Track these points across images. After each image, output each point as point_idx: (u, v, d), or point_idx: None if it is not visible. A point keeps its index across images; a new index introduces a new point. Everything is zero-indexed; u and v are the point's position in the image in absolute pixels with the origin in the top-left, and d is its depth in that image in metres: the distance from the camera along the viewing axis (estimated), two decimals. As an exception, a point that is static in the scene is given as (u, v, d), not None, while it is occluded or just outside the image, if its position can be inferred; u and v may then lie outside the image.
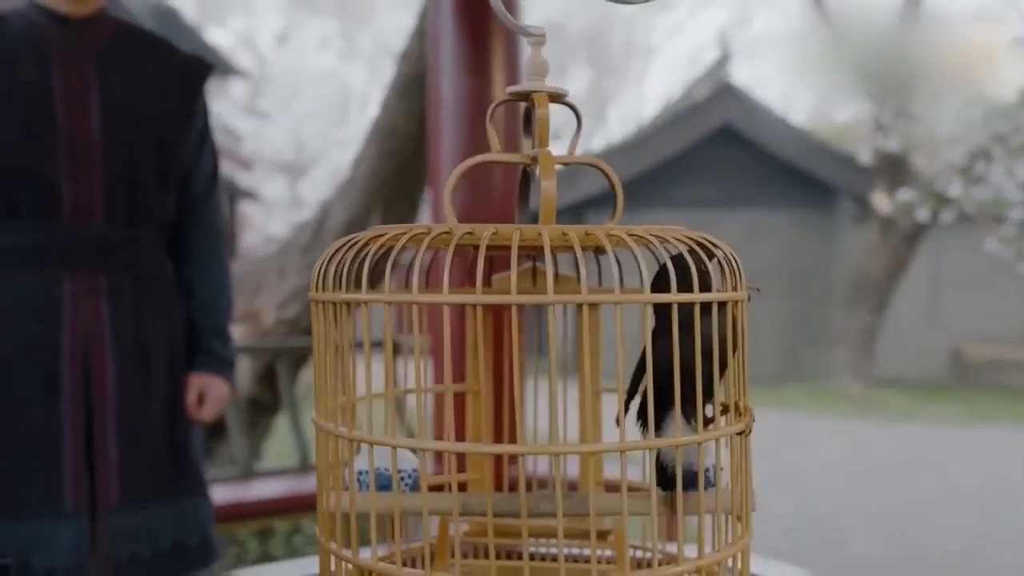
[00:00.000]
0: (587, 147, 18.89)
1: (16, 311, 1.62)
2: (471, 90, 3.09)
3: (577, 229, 0.73)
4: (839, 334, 11.48)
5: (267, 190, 13.27)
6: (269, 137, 13.91)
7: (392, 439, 0.72)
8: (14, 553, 1.58)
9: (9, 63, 1.64)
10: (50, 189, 1.63)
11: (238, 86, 19.59)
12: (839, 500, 5.94)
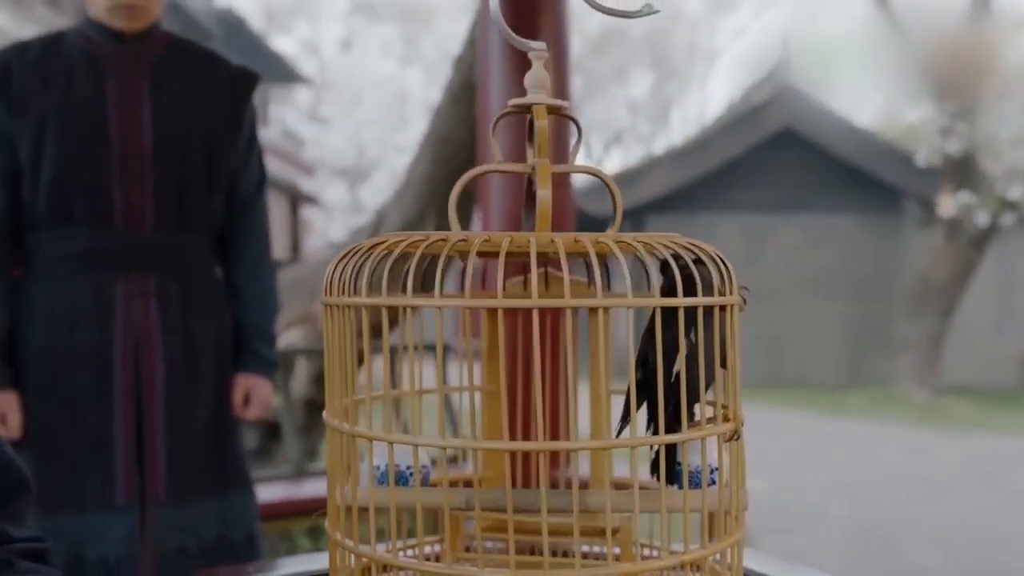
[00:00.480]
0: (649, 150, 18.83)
1: (71, 314, 1.70)
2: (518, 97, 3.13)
3: (566, 236, 0.76)
4: (904, 340, 11.27)
5: (328, 195, 13.49)
6: (330, 143, 14.14)
7: (390, 436, 0.75)
8: (70, 543, 1.66)
9: (67, 79, 1.72)
10: (103, 197, 1.70)
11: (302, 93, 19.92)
12: (899, 509, 5.84)
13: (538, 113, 0.80)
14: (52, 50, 1.76)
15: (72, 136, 1.70)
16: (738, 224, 12.88)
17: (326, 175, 13.90)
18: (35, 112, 1.70)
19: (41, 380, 1.70)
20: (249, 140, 1.90)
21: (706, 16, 24.46)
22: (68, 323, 1.70)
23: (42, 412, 1.69)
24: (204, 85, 1.82)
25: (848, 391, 11.02)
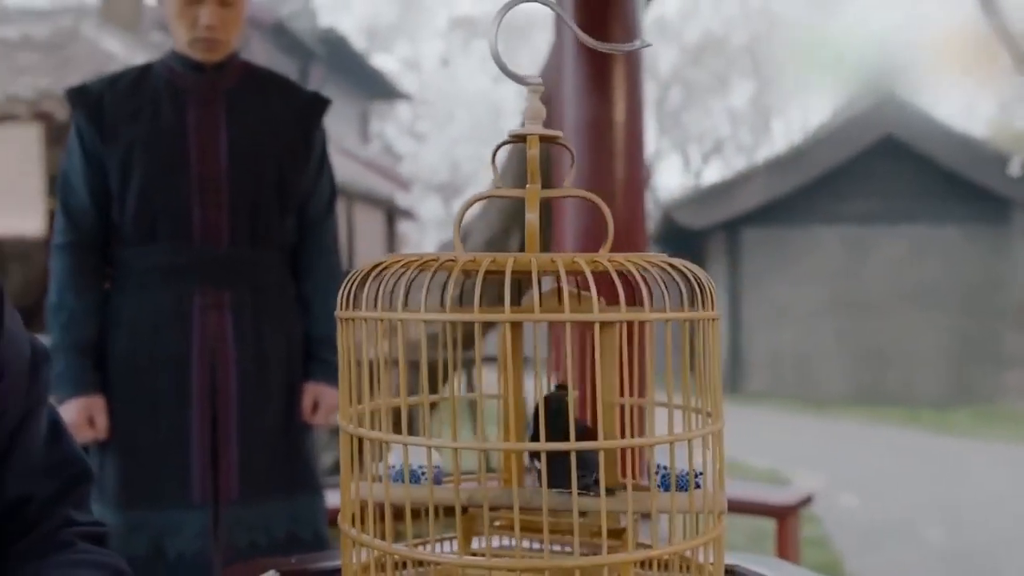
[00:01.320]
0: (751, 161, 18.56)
1: (152, 324, 1.83)
2: (591, 115, 3.19)
3: (565, 256, 0.82)
4: (1012, 355, 10.86)
5: (423, 209, 13.76)
6: (426, 158, 14.42)
7: (403, 438, 0.83)
8: (151, 537, 1.79)
9: (153, 108, 1.87)
10: (183, 216, 1.84)
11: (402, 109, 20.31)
12: (1001, 535, 5.63)
13: (530, 143, 0.86)
14: (140, 81, 1.90)
15: (156, 160, 1.84)
16: (838, 235, 12.62)
17: (421, 190, 14.19)
18: (124, 138, 1.85)
19: (125, 385, 1.84)
20: (320, 162, 2.01)
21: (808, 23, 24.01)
22: (150, 332, 1.83)
23: (126, 415, 1.83)
24: (277, 111, 1.94)
25: (953, 408, 10.68)
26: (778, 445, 8.62)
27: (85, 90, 1.89)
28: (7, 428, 0.88)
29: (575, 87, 3.21)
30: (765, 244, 12.83)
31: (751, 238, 12.98)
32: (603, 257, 0.83)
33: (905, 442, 8.84)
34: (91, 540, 0.90)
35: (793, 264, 12.73)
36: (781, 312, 12.86)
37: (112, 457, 1.83)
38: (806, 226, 12.57)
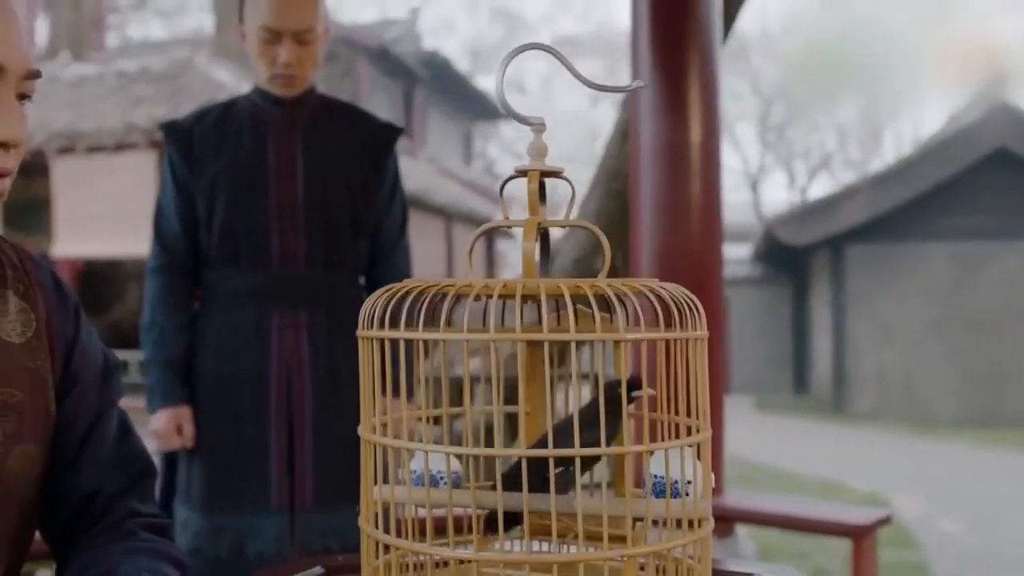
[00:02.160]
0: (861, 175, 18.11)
1: (235, 341, 1.97)
2: (666, 136, 3.24)
3: (568, 281, 0.89)
4: None
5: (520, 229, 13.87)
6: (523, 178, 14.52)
7: (421, 445, 0.92)
8: (232, 539, 1.92)
9: (236, 140, 2.01)
10: (263, 242, 1.98)
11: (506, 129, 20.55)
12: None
13: (531, 178, 0.95)
14: (226, 115, 2.05)
15: (238, 189, 1.99)
16: (947, 251, 12.24)
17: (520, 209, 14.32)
18: (210, 169, 2.00)
19: (210, 398, 1.98)
20: (392, 188, 2.13)
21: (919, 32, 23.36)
22: (233, 349, 1.97)
23: (211, 425, 1.97)
24: (350, 142, 2.07)
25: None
26: (881, 468, 8.41)
27: (176, 125, 2.06)
28: (81, 428, 1.00)
29: (650, 109, 3.27)
30: (870, 261, 12.53)
31: (856, 254, 12.69)
32: (601, 282, 0.91)
33: (1020, 467, 8.51)
34: (153, 530, 1.02)
35: (900, 281, 12.39)
36: (887, 330, 12.53)
37: (198, 464, 1.98)
38: (913, 242, 12.23)
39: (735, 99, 21.50)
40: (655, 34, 3.26)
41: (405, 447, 0.92)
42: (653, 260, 3.24)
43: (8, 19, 0.90)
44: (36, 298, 0.99)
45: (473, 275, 0.96)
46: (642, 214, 3.30)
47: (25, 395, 0.94)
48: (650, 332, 0.86)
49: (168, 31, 20.28)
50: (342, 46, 17.40)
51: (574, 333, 0.84)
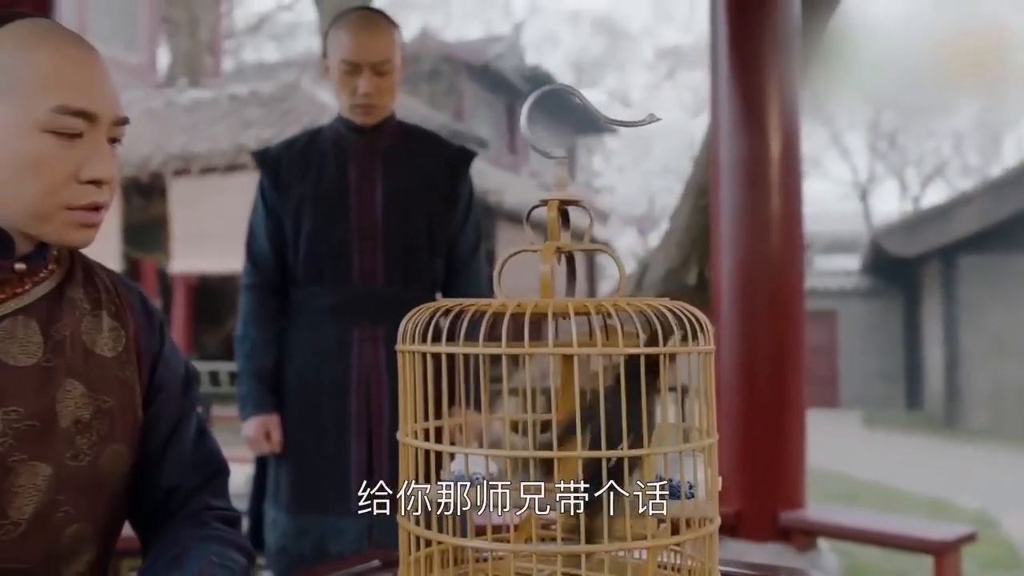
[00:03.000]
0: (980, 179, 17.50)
1: (319, 354, 2.11)
2: (745, 151, 3.28)
3: (575, 301, 0.98)
4: None
5: (620, 242, 13.96)
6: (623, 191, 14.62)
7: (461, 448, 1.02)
8: (316, 539, 2.06)
9: (320, 166, 2.16)
10: (344, 260, 2.11)
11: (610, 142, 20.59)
12: None
13: (551, 207, 1.03)
14: (311, 143, 2.20)
15: (321, 212, 2.13)
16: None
17: (618, 222, 14.40)
18: (296, 193, 2.15)
19: (296, 406, 2.13)
20: (466, 209, 2.24)
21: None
22: (317, 362, 2.11)
23: (296, 432, 2.12)
24: (426, 166, 2.19)
25: None
26: (993, 486, 8.13)
27: (267, 152, 2.21)
28: (164, 431, 1.14)
29: (729, 123, 3.31)
30: (984, 271, 12.11)
31: (969, 265, 12.28)
32: (609, 302, 0.99)
33: None
34: (224, 522, 1.14)
35: (1015, 293, 11.93)
36: (1002, 344, 12.07)
37: (285, 468, 2.12)
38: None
39: (844, 107, 21.05)
40: (732, 49, 3.31)
41: (442, 450, 1.02)
42: (733, 274, 3.28)
43: (101, 74, 1.04)
44: (126, 318, 1.13)
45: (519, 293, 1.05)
46: (722, 228, 3.34)
47: (116, 402, 1.08)
48: (651, 348, 0.94)
49: (280, 54, 21.03)
50: (445, 64, 17.75)
51: (576, 348, 0.93)
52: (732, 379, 3.23)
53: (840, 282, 16.10)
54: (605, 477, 0.95)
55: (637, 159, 15.09)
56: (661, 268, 5.24)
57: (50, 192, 1.00)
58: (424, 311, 1.06)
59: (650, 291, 5.27)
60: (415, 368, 1.05)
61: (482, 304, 1.02)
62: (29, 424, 0.99)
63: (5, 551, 0.97)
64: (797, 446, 3.22)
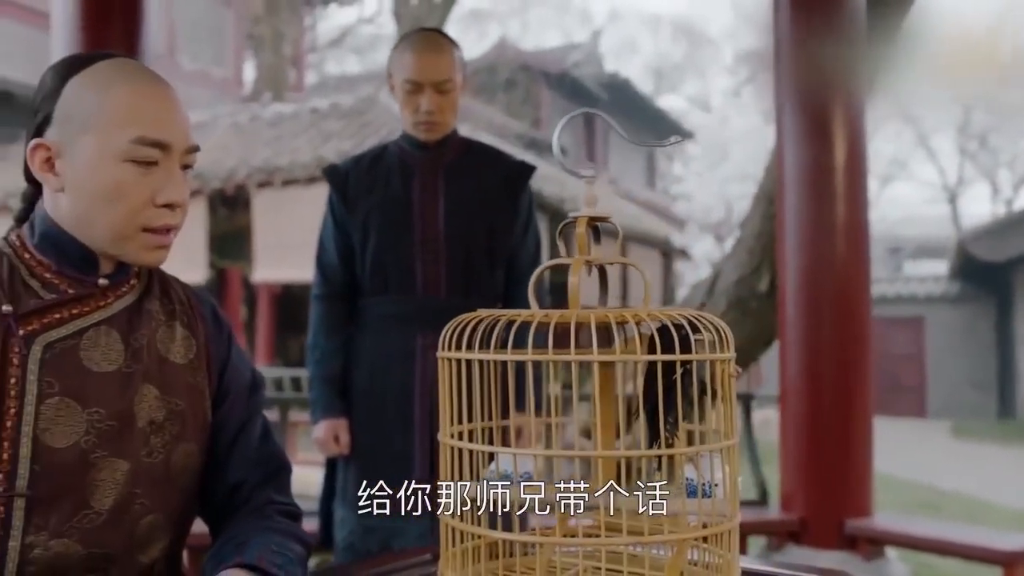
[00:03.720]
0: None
1: (385, 361, 2.21)
2: (810, 160, 3.29)
3: (598, 311, 1.05)
4: None
5: (697, 249, 13.88)
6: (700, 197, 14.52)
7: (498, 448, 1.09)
8: (381, 537, 2.16)
9: (385, 181, 2.26)
10: (408, 271, 2.21)
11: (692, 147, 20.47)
12: None
13: (579, 223, 1.10)
14: (377, 159, 2.31)
15: (387, 225, 2.23)
16: None
17: (695, 229, 14.33)
18: (363, 207, 2.25)
19: (363, 411, 2.23)
20: (526, 221, 2.32)
21: None
22: (383, 368, 2.21)
23: (363, 435, 2.22)
24: (487, 181, 2.28)
25: None
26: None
27: (335, 169, 2.33)
28: (231, 431, 1.24)
29: (793, 131, 3.33)
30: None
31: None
32: (643, 311, 1.06)
33: None
34: (286, 516, 1.24)
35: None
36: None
37: (352, 470, 2.22)
38: None
39: (932, 108, 20.54)
40: (796, 55, 3.33)
41: (479, 449, 1.10)
42: (799, 281, 3.30)
43: (174, 107, 1.15)
44: (197, 328, 1.23)
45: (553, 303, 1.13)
46: (787, 235, 3.36)
47: (187, 404, 1.19)
48: (666, 356, 1.00)
49: (362, 67, 21.46)
50: (521, 73, 17.89)
51: (596, 356, 1.00)
52: (797, 386, 3.24)
53: (928, 288, 15.72)
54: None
55: (713, 164, 15.00)
56: (733, 275, 5.23)
57: (130, 215, 1.11)
58: (461, 321, 1.14)
59: (721, 298, 5.26)
60: (451, 373, 1.13)
61: (511, 314, 1.09)
62: (110, 424, 1.10)
63: (90, 537, 1.08)
64: (864, 454, 3.21)
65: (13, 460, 1.05)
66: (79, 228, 1.12)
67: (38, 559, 1.06)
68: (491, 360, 1.08)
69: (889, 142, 19.69)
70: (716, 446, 1.03)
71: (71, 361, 1.10)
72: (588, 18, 31.22)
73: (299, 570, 1.14)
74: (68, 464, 1.07)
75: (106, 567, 1.10)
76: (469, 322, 1.13)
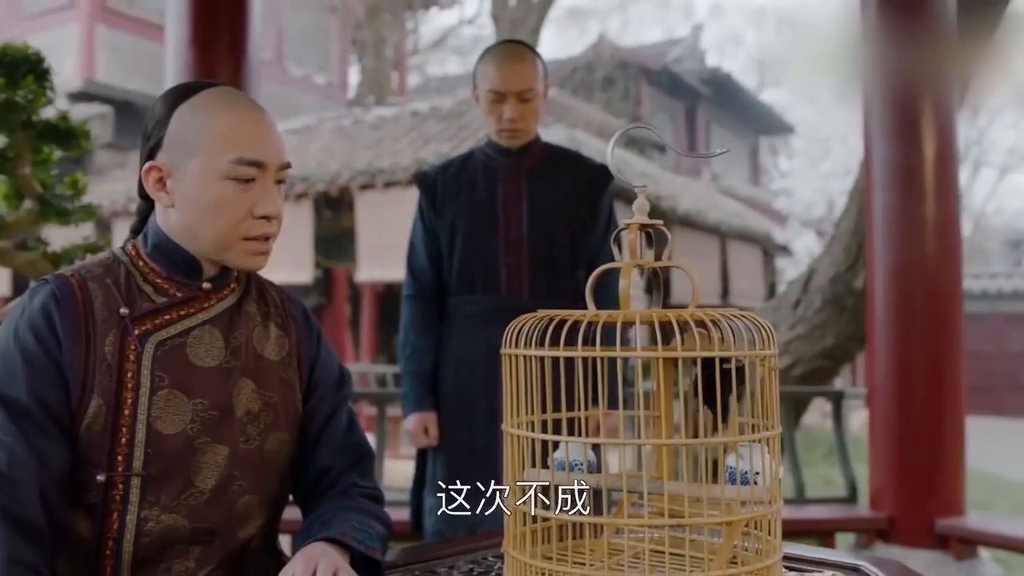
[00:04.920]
0: None
1: (471, 358, 2.33)
2: (899, 157, 3.28)
3: (644, 312, 1.13)
4: None
5: (798, 245, 13.67)
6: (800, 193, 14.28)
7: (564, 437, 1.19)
8: (468, 527, 2.27)
9: (471, 186, 2.38)
10: (493, 272, 2.32)
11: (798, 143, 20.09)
12: None
13: (631, 229, 1.19)
14: (463, 165, 2.43)
15: (473, 228, 2.35)
16: None
17: (796, 225, 14.11)
18: (450, 212, 2.37)
19: (450, 405, 2.35)
20: (606, 223, 2.40)
21: None
22: (469, 364, 2.33)
23: (450, 429, 2.34)
24: (568, 184, 2.37)
25: None
26: None
27: (424, 175, 2.45)
28: (320, 421, 1.36)
29: (881, 129, 3.32)
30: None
31: None
32: (688, 312, 1.14)
33: None
34: (369, 499, 1.36)
35: None
36: None
37: (441, 461, 2.35)
38: None
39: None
40: (883, 51, 3.31)
41: (543, 439, 1.20)
42: (888, 279, 3.29)
43: (269, 129, 1.27)
44: (290, 328, 1.36)
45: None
46: (876, 234, 3.35)
47: (280, 397, 1.32)
48: (748, 351, 1.08)
49: (463, 68, 21.75)
50: (619, 70, 17.86)
51: (639, 352, 1.08)
52: (886, 385, 3.23)
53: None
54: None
55: (815, 160, 14.76)
56: (828, 272, 5.20)
57: (232, 227, 1.24)
58: (524, 321, 1.24)
59: (816, 295, 5.23)
60: (516, 369, 1.23)
61: (564, 314, 1.19)
62: (212, 413, 1.24)
63: (195, 513, 1.22)
64: (955, 453, 3.18)
65: (130, 444, 1.19)
66: (187, 239, 1.26)
67: (151, 531, 1.20)
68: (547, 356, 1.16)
69: (1007, 130, 18.95)
70: (757, 436, 1.11)
71: (179, 357, 1.24)
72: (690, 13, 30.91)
73: (379, 545, 1.25)
74: (176, 448, 1.21)
75: (209, 540, 1.24)
76: (530, 321, 1.23)
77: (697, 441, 1.12)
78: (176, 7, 3.43)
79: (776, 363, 1.13)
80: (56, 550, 1.17)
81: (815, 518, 3.44)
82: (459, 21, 20.52)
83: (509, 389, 1.25)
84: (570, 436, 1.24)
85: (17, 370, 1.17)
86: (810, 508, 3.57)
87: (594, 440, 1.16)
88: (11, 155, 2.11)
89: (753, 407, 1.13)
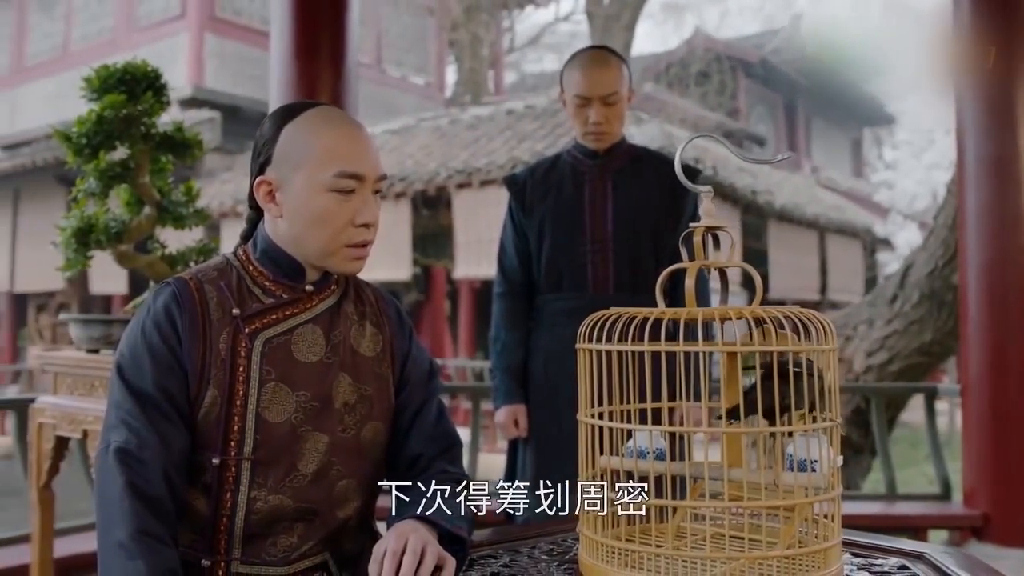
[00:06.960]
0: None
1: (559, 353, 2.42)
2: (993, 148, 3.24)
3: (706, 309, 1.21)
4: None
5: (900, 238, 13.33)
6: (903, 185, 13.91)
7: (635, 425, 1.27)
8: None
9: (559, 187, 2.47)
10: (580, 269, 2.41)
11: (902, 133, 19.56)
12: None
13: (696, 232, 1.26)
14: (552, 167, 2.52)
15: (561, 228, 2.44)
16: None
17: (900, 218, 13.75)
18: (538, 212, 2.47)
19: (538, 398, 2.45)
20: (689, 221, 2.46)
21: None
22: (557, 359, 2.42)
23: (539, 421, 2.43)
24: (652, 185, 2.44)
25: None
26: None
27: (514, 177, 2.56)
28: (411, 412, 1.47)
29: (973, 120, 3.28)
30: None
31: None
32: (747, 310, 1.21)
33: None
34: (456, 483, 1.46)
35: None
36: None
37: (530, 452, 2.44)
38: None
39: None
40: (975, 40, 3.27)
41: (615, 427, 1.28)
42: (981, 274, 3.26)
43: (367, 144, 1.39)
44: (384, 326, 1.48)
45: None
46: (968, 228, 3.32)
47: (374, 390, 1.43)
48: (806, 346, 1.15)
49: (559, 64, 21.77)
50: (714, 63, 17.67)
51: (739, 346, 1.15)
52: (980, 381, 3.20)
53: None
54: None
55: (918, 152, 14.32)
56: (926, 266, 5.12)
57: (334, 235, 1.36)
58: (597, 317, 1.32)
59: (914, 290, 5.15)
60: (588, 362, 1.32)
61: (632, 311, 1.27)
62: (313, 404, 1.36)
63: (298, 494, 1.35)
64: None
65: (241, 432, 1.32)
66: (293, 245, 1.39)
67: (260, 510, 1.33)
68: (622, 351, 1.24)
69: None
70: (816, 426, 1.17)
71: (284, 353, 1.36)
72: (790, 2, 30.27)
73: (465, 524, 1.35)
74: (281, 436, 1.34)
75: (311, 518, 1.36)
76: (601, 318, 1.32)
77: (756, 430, 1.19)
78: (280, 17, 3.61)
79: (834, 358, 1.19)
80: (178, 524, 1.31)
81: (907, 514, 3.42)
82: (555, 18, 20.56)
83: (583, 381, 1.33)
84: (641, 425, 1.32)
85: (144, 363, 1.31)
86: (902, 505, 3.55)
87: (659, 428, 1.24)
88: (132, 165, 2.28)
89: (812, 399, 1.20)
